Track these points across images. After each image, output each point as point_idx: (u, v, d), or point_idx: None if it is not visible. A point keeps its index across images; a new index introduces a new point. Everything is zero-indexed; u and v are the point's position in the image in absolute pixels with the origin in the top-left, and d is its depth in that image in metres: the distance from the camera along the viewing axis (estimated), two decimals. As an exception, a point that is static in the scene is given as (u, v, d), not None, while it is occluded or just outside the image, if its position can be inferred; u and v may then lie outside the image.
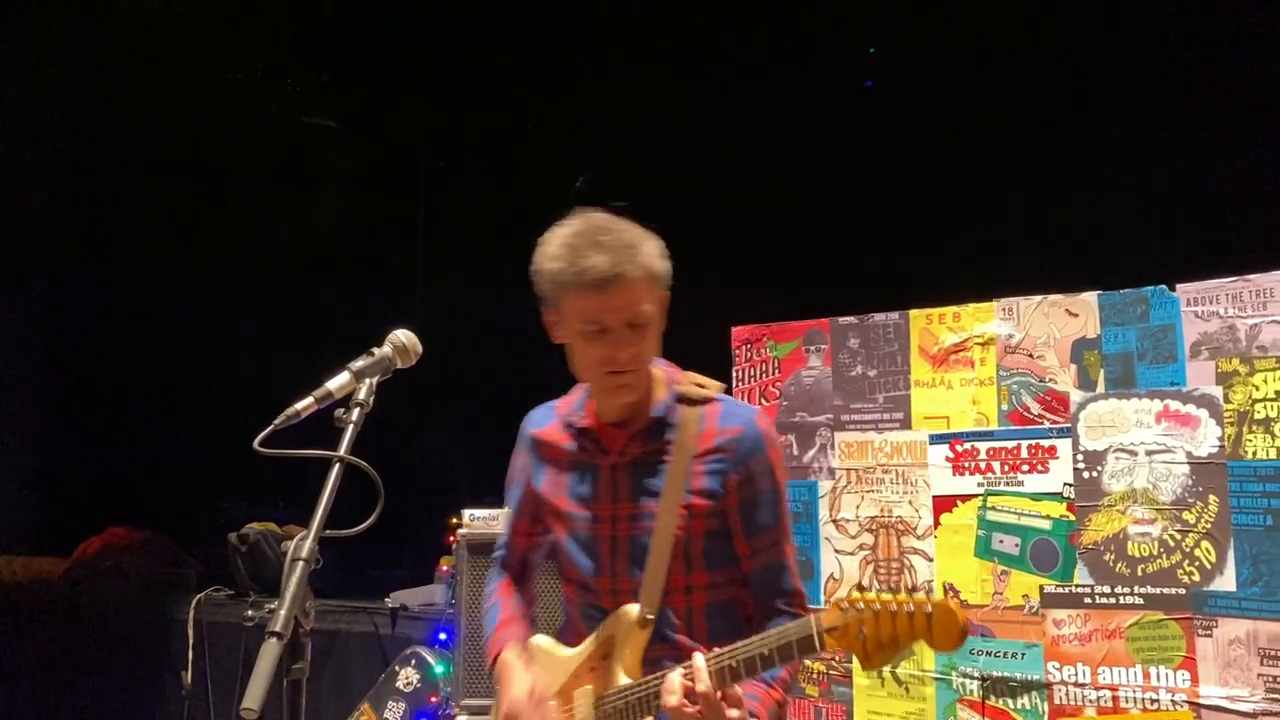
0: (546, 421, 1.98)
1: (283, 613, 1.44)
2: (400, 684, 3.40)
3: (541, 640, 1.98)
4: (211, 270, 5.84)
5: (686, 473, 1.81)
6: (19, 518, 5.41)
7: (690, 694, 1.64)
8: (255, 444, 1.62)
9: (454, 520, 3.28)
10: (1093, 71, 3.87)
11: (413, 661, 3.43)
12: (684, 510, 1.80)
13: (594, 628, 1.88)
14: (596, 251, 1.70)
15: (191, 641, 4.24)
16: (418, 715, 3.34)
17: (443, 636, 3.49)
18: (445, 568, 3.69)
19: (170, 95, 5.38)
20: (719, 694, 1.63)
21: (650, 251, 1.77)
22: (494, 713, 2.02)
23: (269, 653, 1.40)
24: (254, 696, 1.34)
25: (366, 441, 1.67)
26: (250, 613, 3.86)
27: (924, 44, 4.36)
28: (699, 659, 1.65)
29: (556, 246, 1.75)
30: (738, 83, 4.74)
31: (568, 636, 1.96)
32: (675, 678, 1.66)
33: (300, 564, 1.51)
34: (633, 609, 1.80)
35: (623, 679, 1.79)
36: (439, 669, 3.37)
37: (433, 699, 3.33)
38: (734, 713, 1.64)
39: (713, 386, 1.91)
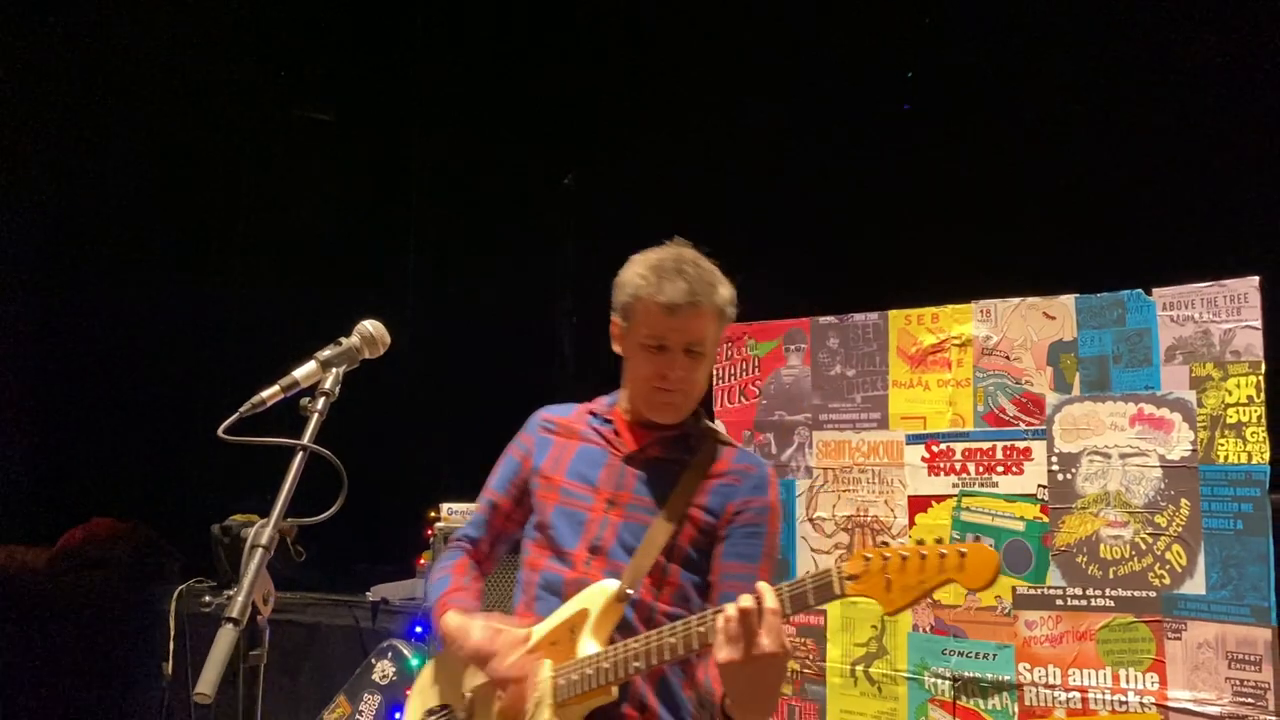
0: (566, 411, 2.10)
1: (240, 599, 1.44)
2: (376, 676, 3.40)
3: (495, 618, 1.93)
4: (200, 263, 5.82)
5: (695, 487, 1.92)
6: (1, 508, 5.39)
7: (751, 614, 1.55)
8: (220, 431, 1.64)
9: (432, 514, 3.28)
10: (1073, 76, 3.88)
11: (389, 654, 3.43)
12: (684, 518, 1.89)
13: (549, 607, 1.89)
14: (679, 278, 1.86)
15: (173, 632, 4.22)
16: (393, 708, 3.33)
17: (418, 630, 3.48)
18: (424, 561, 3.69)
19: (161, 87, 5.37)
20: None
21: (724, 295, 1.92)
22: (437, 671, 2.08)
23: (224, 639, 1.40)
24: (208, 682, 1.34)
25: (361, 436, 1.68)
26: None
27: (908, 45, 4.37)
28: (763, 585, 1.58)
29: (644, 266, 1.92)
30: (727, 82, 4.75)
31: (520, 618, 1.94)
32: (732, 607, 1.58)
33: (260, 551, 1.52)
34: (612, 584, 1.84)
35: (591, 649, 1.79)
36: (414, 662, 3.37)
37: (408, 692, 3.32)
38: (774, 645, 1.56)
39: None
